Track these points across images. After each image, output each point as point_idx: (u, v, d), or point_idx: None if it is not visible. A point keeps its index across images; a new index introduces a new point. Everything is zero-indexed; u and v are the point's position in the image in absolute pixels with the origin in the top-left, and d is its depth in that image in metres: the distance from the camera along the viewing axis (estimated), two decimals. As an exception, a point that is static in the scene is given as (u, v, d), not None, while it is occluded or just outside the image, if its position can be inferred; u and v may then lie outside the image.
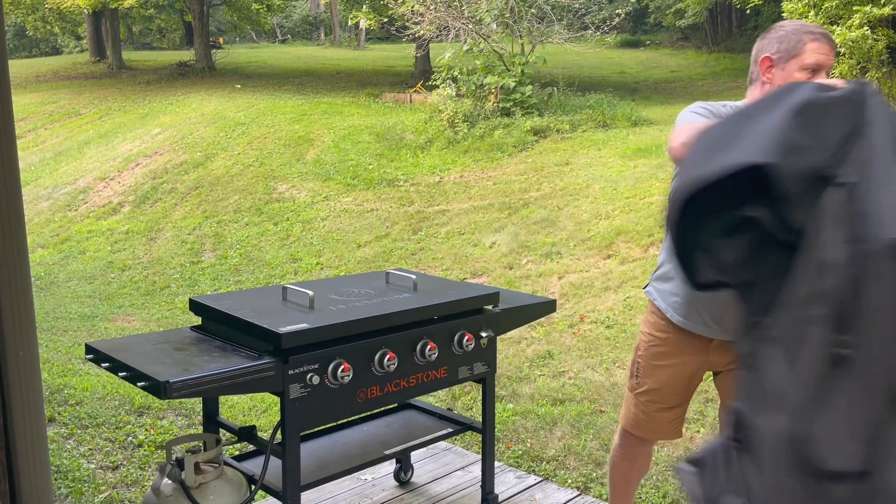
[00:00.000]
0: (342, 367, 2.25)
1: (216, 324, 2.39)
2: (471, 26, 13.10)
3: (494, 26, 13.34)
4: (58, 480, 3.45)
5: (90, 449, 3.87)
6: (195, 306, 2.46)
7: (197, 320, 2.49)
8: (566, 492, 3.11)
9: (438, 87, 13.16)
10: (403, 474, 3.10)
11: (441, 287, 2.78)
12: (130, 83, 22.27)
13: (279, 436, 2.24)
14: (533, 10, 13.34)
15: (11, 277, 1.42)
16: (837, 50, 2.16)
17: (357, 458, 2.59)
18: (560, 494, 3.06)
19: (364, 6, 24.05)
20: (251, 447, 2.70)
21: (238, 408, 4.68)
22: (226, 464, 2.37)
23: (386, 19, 20.88)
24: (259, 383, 2.14)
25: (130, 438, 4.04)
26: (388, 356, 2.36)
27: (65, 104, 19.86)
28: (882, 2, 8.59)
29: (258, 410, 4.63)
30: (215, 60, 24.21)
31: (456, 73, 12.81)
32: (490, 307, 2.71)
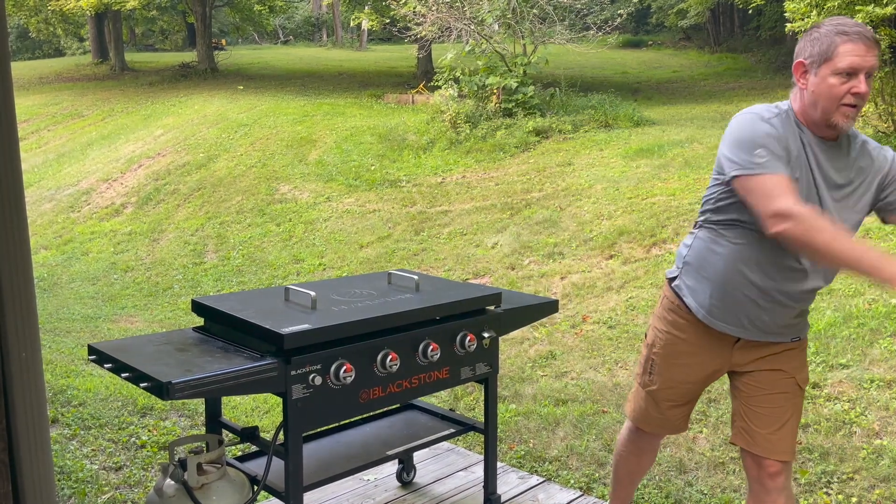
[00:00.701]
0: (344, 368, 2.26)
1: (219, 325, 2.40)
2: (473, 27, 13.11)
3: (496, 27, 13.35)
4: (61, 481, 3.45)
5: (93, 450, 3.87)
6: (198, 307, 2.47)
7: (199, 321, 2.49)
8: (569, 492, 3.11)
9: (440, 88, 13.17)
10: (406, 475, 3.10)
11: (443, 287, 2.78)
12: (133, 85, 22.31)
13: (281, 436, 2.25)
14: (535, 11, 13.33)
15: (14, 279, 1.43)
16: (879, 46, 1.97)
17: (359, 459, 2.59)
18: (563, 495, 3.06)
19: (366, 7, 24.05)
20: (254, 448, 2.71)
21: (241, 409, 4.68)
22: (228, 464, 2.37)
23: (388, 20, 20.88)
24: (261, 384, 2.14)
25: (133, 439, 4.04)
26: (391, 357, 2.36)
27: (68, 106, 19.89)
28: (885, 1, 8.56)
29: (261, 411, 4.63)
30: (218, 62, 24.26)
31: (458, 74, 12.82)
32: (492, 308, 2.71)
